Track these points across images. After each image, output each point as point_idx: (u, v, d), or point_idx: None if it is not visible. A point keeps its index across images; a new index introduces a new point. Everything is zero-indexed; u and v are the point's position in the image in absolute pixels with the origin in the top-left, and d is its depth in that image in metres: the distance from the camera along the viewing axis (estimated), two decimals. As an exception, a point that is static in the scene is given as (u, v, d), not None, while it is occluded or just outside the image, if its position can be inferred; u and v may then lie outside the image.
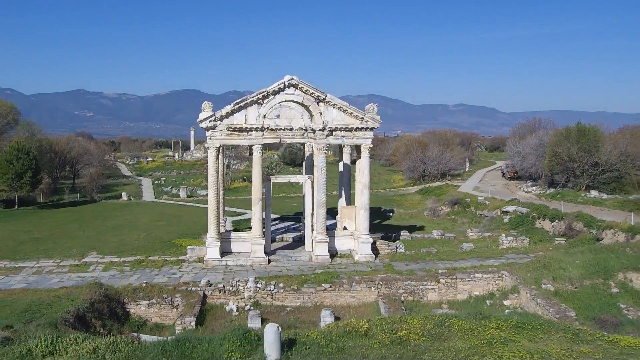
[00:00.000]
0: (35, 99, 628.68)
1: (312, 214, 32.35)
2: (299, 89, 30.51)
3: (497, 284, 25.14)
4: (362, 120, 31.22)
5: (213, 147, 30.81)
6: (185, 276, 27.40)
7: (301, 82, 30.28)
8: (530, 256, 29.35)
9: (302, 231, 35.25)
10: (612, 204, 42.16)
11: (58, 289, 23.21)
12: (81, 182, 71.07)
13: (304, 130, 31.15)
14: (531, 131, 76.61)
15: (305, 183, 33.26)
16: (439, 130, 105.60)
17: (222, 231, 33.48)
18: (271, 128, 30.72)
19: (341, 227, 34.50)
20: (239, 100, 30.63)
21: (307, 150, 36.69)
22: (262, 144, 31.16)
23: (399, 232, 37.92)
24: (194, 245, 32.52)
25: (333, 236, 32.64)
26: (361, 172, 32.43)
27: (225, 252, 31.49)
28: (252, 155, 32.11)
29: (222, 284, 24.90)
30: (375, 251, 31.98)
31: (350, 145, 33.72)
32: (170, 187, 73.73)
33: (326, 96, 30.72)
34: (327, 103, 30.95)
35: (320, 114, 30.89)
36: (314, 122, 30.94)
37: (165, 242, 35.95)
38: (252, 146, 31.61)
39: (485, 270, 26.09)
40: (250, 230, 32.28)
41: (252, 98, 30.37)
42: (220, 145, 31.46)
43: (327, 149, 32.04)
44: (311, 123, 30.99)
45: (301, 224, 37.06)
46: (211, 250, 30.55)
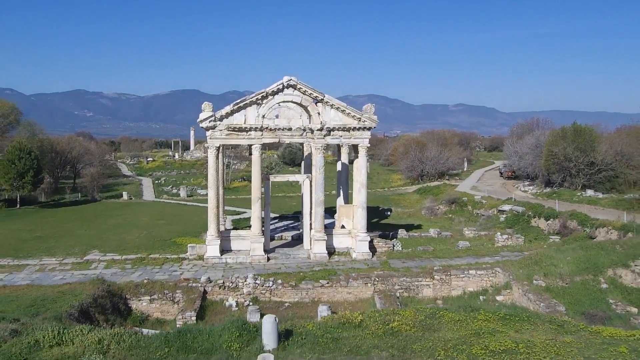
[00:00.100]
0: (35, 99, 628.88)
1: (310, 212, 32.83)
2: (297, 89, 30.99)
3: (490, 280, 25.67)
4: (359, 121, 31.71)
5: (213, 146, 31.31)
6: (185, 273, 27.94)
7: (299, 82, 30.76)
8: (525, 254, 29.85)
9: (300, 230, 35.66)
10: (607, 203, 42.70)
11: (62, 285, 23.76)
12: (82, 181, 71.58)
13: (303, 130, 31.57)
14: (529, 131, 77.03)
15: (304, 182, 33.73)
16: (437, 130, 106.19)
17: (222, 230, 33.95)
18: (270, 128, 31.18)
19: (339, 226, 35.03)
20: (238, 101, 31.11)
21: (305, 150, 37.18)
22: (261, 144, 31.61)
23: (396, 230, 38.36)
24: (194, 243, 32.96)
25: (331, 234, 33.11)
26: (359, 172, 32.94)
27: (225, 250, 31.98)
28: (252, 155, 32.57)
29: (221, 280, 25.45)
30: (372, 249, 32.47)
31: (349, 145, 34.20)
32: (171, 186, 74.17)
33: (324, 97, 31.21)
34: (325, 103, 31.44)
35: (319, 114, 31.36)
36: (312, 122, 31.39)
37: (166, 240, 36.40)
38: (251, 146, 32.09)
39: (479, 267, 26.62)
40: (250, 229, 32.75)
41: (252, 98, 30.84)
42: (220, 145, 31.94)
43: (325, 148, 32.47)
44: (309, 123, 31.42)
45: (300, 222, 37.49)
46: (211, 248, 31.05)
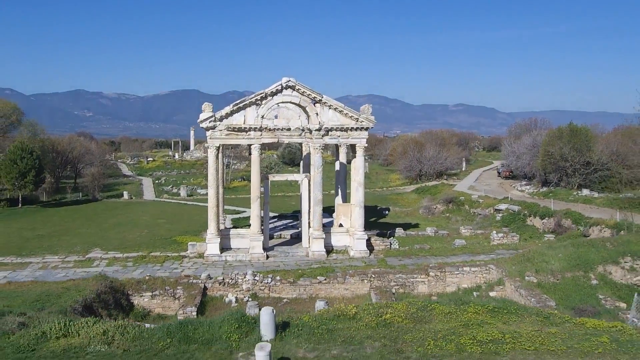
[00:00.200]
0: (34, 99, 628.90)
1: (309, 211, 33.36)
2: (296, 90, 31.53)
3: (484, 276, 26.21)
4: (357, 121, 32.25)
5: (213, 146, 31.85)
6: (186, 271, 28.47)
7: (298, 83, 31.31)
8: (520, 252, 30.40)
9: (299, 228, 36.17)
10: (602, 202, 43.23)
11: (66, 281, 24.30)
12: (83, 181, 72.14)
13: (301, 131, 32.09)
14: (527, 131, 77.63)
15: (302, 181, 34.28)
16: (435, 130, 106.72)
17: (222, 228, 34.49)
18: (269, 128, 31.71)
19: (337, 224, 35.56)
20: (238, 102, 31.65)
21: (304, 149, 37.72)
22: (260, 144, 32.12)
23: (394, 229, 38.84)
24: (194, 241, 33.46)
25: (329, 233, 33.66)
26: (356, 171, 33.48)
27: (225, 248, 32.53)
28: (251, 155, 33.12)
29: (221, 277, 25.99)
30: (370, 247, 33.01)
31: (347, 145, 34.75)
32: (171, 186, 74.64)
33: (322, 97, 31.76)
34: (323, 104, 31.98)
35: (317, 114, 31.90)
36: (310, 123, 31.92)
37: (167, 239, 36.91)
38: (250, 146, 32.62)
39: (473, 264, 27.17)
40: (249, 228, 33.31)
41: (251, 99, 31.39)
42: (220, 144, 32.49)
43: (323, 148, 33.01)
44: (308, 123, 31.94)
45: (299, 221, 38.00)
46: (211, 246, 31.59)
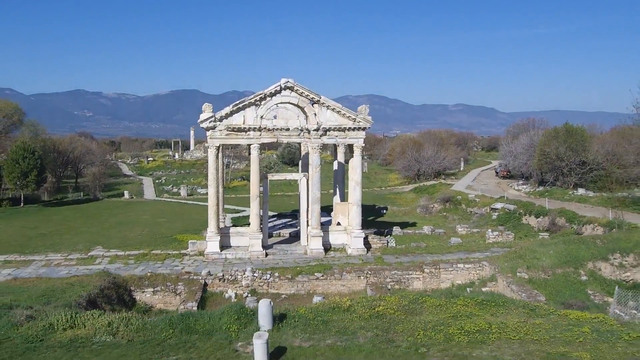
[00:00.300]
0: (34, 99, 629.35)
1: (307, 210, 33.94)
2: (294, 91, 32.12)
3: (477, 273, 26.82)
4: (354, 121, 32.83)
5: (213, 146, 32.45)
6: (186, 268, 29.01)
7: (296, 84, 31.90)
8: (512, 249, 30.96)
9: (298, 227, 36.71)
10: (596, 201, 43.86)
11: (70, 277, 24.91)
12: (84, 181, 72.78)
13: (300, 131, 32.65)
14: (525, 131, 78.23)
15: (301, 180, 34.86)
16: (434, 130, 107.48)
17: (222, 227, 35.06)
18: (268, 128, 32.29)
19: (335, 223, 36.13)
20: (237, 102, 32.24)
21: (303, 149, 38.31)
22: (259, 144, 32.70)
23: (391, 228, 39.39)
24: (194, 240, 34.02)
25: (327, 231, 34.24)
26: (354, 170, 34.07)
27: (225, 246, 33.06)
28: (250, 154, 33.73)
29: (221, 273, 26.59)
30: (367, 245, 33.58)
31: (345, 145, 35.33)
32: (171, 185, 75.27)
33: (320, 98, 32.35)
34: (321, 104, 32.57)
35: (315, 115, 32.49)
36: (309, 123, 32.51)
37: (167, 237, 37.46)
38: (250, 145, 33.18)
39: (467, 261, 27.78)
40: (249, 226, 33.89)
41: (250, 100, 31.98)
42: (220, 144, 33.06)
43: (322, 148, 33.59)
44: (306, 124, 32.52)
45: (298, 220, 38.55)
46: (211, 244, 32.14)
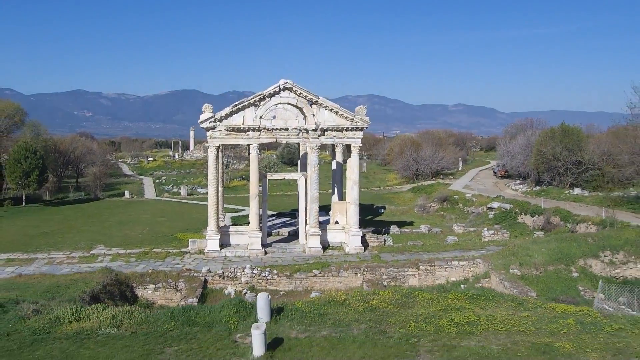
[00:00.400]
0: (34, 99, 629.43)
1: (305, 209, 34.49)
2: (293, 92, 32.67)
3: (471, 270, 27.38)
4: (352, 122, 33.39)
5: (213, 146, 33.01)
6: (187, 266, 29.46)
7: (295, 85, 32.46)
8: (506, 247, 31.47)
9: (297, 226, 37.21)
10: (591, 200, 44.42)
11: (73, 274, 25.46)
12: (85, 180, 73.35)
13: (299, 131, 33.20)
14: (522, 131, 78.75)
15: (300, 180, 35.43)
16: (432, 130, 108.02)
17: (222, 226, 35.62)
18: (267, 128, 32.84)
19: (333, 221, 36.67)
20: (237, 103, 32.80)
21: (301, 149, 38.87)
22: (259, 144, 33.25)
23: (388, 226, 39.88)
24: (195, 238, 34.53)
25: (325, 230, 34.79)
26: (351, 170, 34.61)
27: (225, 245, 33.61)
28: (250, 154, 34.29)
29: (221, 270, 27.15)
30: (365, 244, 34.10)
31: (343, 145, 35.87)
32: (171, 185, 75.81)
33: (318, 99, 32.91)
34: (319, 105, 33.13)
35: (313, 115, 33.04)
36: (307, 123, 33.05)
37: (168, 236, 37.97)
38: (249, 145, 33.74)
39: (462, 258, 28.36)
40: (248, 225, 34.44)
41: (250, 100, 32.53)
42: (220, 144, 33.62)
43: (320, 148, 34.14)
44: (305, 124, 33.06)
45: (296, 219, 39.10)
46: (211, 243, 32.67)
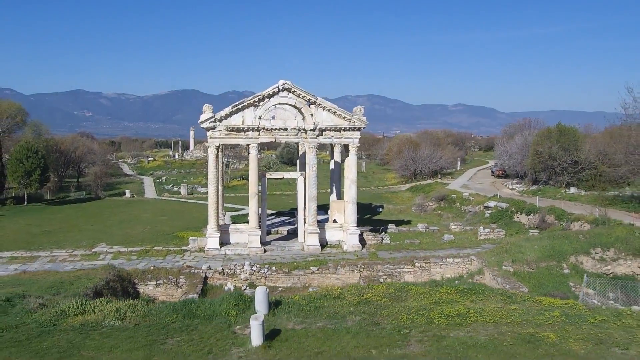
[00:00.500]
0: (34, 99, 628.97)
1: (304, 207, 35.06)
2: (291, 92, 33.24)
3: (466, 267, 27.95)
4: (349, 122, 33.95)
5: (213, 146, 33.58)
6: (187, 263, 29.95)
7: (294, 86, 33.03)
8: (499, 244, 32.04)
9: (296, 225, 37.72)
10: (586, 199, 45.01)
11: (76, 270, 26.04)
12: (86, 180, 73.93)
13: (297, 131, 33.76)
14: (520, 131, 79.33)
15: (298, 179, 36.00)
16: (430, 130, 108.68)
17: (222, 224, 36.17)
18: (267, 128, 33.40)
19: (331, 220, 37.27)
20: (236, 103, 33.37)
21: (300, 149, 39.45)
22: (258, 143, 33.81)
23: (386, 225, 40.39)
24: (195, 236, 35.07)
25: (324, 228, 35.34)
26: (349, 169, 35.18)
27: (224, 243, 34.17)
28: (249, 154, 34.84)
29: (221, 267, 27.71)
30: (362, 242, 34.65)
31: (341, 145, 36.43)
32: (172, 185, 76.36)
33: (317, 99, 33.48)
34: (317, 105, 33.70)
35: (312, 115, 33.61)
36: (305, 123, 33.61)
37: (168, 234, 38.52)
38: (249, 145, 34.28)
39: (457, 256, 28.94)
40: (248, 224, 35.01)
41: (249, 101, 33.11)
42: (220, 144, 34.18)
43: (318, 148, 34.70)
44: (303, 124, 33.62)
45: (295, 218, 39.63)
46: (211, 241, 33.24)
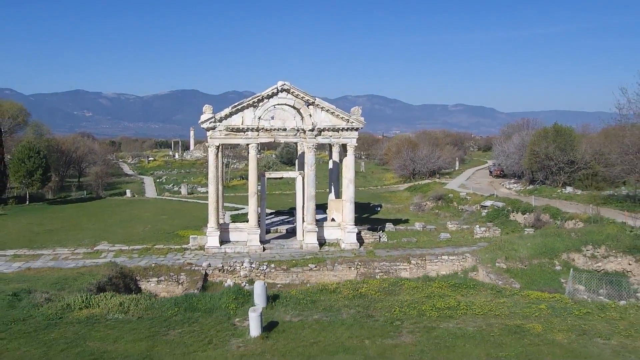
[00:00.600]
0: (34, 99, 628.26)
1: (303, 206, 35.61)
2: (290, 93, 33.81)
3: (461, 264, 28.53)
4: (347, 122, 34.52)
5: (213, 145, 34.15)
6: (188, 261, 30.58)
7: (292, 87, 33.60)
8: (493, 242, 32.57)
9: (295, 224, 38.28)
10: (582, 198, 45.57)
11: (80, 267, 26.62)
12: (87, 180, 74.49)
13: (296, 131, 34.31)
14: (519, 131, 79.90)
15: (297, 179, 36.55)
16: (429, 130, 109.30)
17: (221, 223, 36.71)
18: (266, 128, 33.96)
19: (330, 219, 37.83)
20: (236, 104, 33.94)
21: (299, 149, 40.03)
22: (257, 143, 34.37)
23: (384, 224, 40.95)
24: (195, 235, 35.61)
25: (322, 227, 35.89)
26: (347, 169, 35.75)
27: (224, 241, 34.71)
28: (249, 154, 35.40)
29: (221, 264, 28.28)
30: (360, 240, 35.21)
31: (339, 145, 37.00)
32: (172, 184, 76.90)
33: (315, 100, 34.04)
34: (316, 106, 34.26)
35: (310, 116, 34.17)
36: (304, 124, 34.17)
37: (169, 233, 39.09)
38: (248, 145, 34.85)
39: (452, 253, 29.52)
40: (247, 222, 35.55)
41: (249, 101, 33.68)
42: (220, 144, 34.75)
43: (317, 147, 35.27)
44: (302, 124, 34.17)
45: (294, 217, 40.18)
46: (211, 239, 33.79)
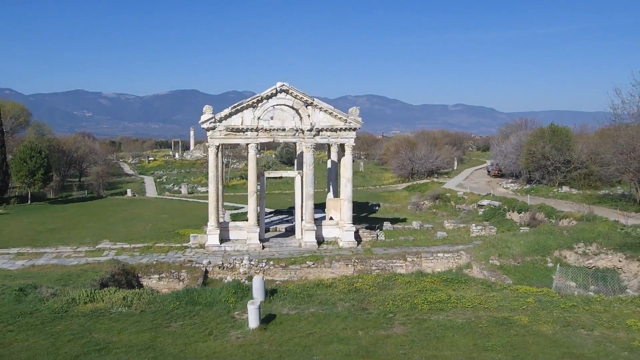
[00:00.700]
0: (34, 99, 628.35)
1: (301, 205, 36.17)
2: (289, 94, 34.39)
3: (456, 261, 29.12)
4: (345, 122, 35.09)
5: (213, 145, 34.72)
6: (189, 258, 31.16)
7: (291, 87, 34.17)
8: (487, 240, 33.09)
9: (294, 223, 38.81)
10: (577, 198, 46.16)
11: (83, 264, 27.19)
12: (88, 179, 75.04)
13: (295, 131, 34.87)
14: (517, 131, 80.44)
15: (296, 178, 37.10)
16: (428, 130, 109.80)
17: (221, 222, 37.28)
18: (265, 129, 34.53)
19: (328, 218, 38.38)
20: (236, 104, 34.51)
21: (298, 149, 40.57)
22: (257, 143, 34.95)
23: (382, 223, 41.57)
24: (196, 233, 36.21)
25: (320, 226, 36.47)
26: (345, 168, 36.31)
27: (224, 240, 35.28)
28: (248, 153, 35.96)
29: (221, 261, 28.85)
30: (358, 239, 35.77)
31: (338, 145, 37.57)
32: (172, 184, 77.40)
33: (313, 100, 34.61)
34: (314, 106, 34.83)
35: (309, 116, 34.74)
36: (303, 124, 34.74)
37: (170, 232, 39.60)
38: (248, 145, 35.43)
39: (448, 251, 30.10)
40: (247, 221, 36.12)
41: (248, 102, 34.25)
42: (220, 144, 35.32)
43: (315, 147, 35.85)
44: (301, 124, 34.74)
45: (293, 216, 40.73)
46: (211, 237, 34.37)
